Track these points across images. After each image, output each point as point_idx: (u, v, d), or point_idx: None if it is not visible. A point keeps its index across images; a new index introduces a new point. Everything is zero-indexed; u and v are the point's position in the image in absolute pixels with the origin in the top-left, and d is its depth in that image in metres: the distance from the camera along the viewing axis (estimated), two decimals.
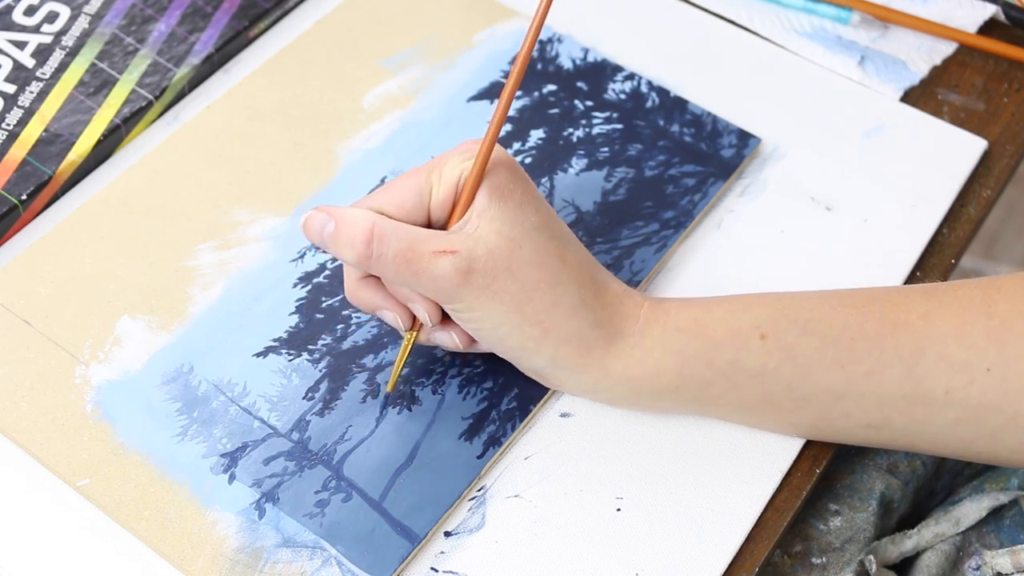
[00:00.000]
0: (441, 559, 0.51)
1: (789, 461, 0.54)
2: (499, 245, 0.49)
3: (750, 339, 0.51)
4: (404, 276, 0.49)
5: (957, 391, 0.50)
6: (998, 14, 0.72)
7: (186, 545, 0.50)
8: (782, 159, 0.65)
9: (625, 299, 0.52)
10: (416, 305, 0.52)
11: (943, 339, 0.50)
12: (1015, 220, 1.59)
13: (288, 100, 0.65)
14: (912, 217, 0.63)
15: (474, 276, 0.49)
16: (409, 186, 0.51)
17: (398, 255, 0.49)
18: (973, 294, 0.51)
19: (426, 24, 0.69)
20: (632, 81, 0.67)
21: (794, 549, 0.56)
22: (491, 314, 0.50)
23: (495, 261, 0.49)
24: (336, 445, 0.53)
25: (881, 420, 0.51)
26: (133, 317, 0.56)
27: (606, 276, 0.53)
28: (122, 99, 0.63)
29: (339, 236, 0.49)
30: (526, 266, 0.50)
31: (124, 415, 0.53)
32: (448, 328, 0.53)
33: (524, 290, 0.50)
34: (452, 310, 0.51)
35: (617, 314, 0.51)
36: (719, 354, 0.51)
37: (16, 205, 0.59)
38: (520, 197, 0.50)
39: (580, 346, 0.51)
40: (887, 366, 0.50)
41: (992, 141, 0.67)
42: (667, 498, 0.53)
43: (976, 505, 0.58)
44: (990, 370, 0.50)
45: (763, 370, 0.51)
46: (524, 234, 0.50)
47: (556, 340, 0.51)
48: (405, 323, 0.52)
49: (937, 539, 0.57)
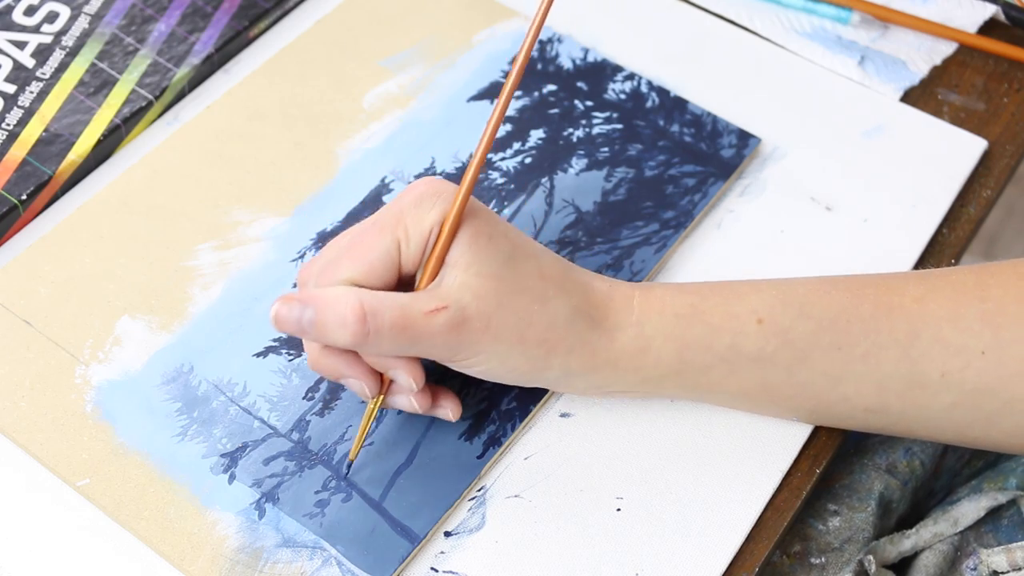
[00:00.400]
0: (441, 559, 0.51)
1: (789, 461, 0.54)
2: (484, 286, 0.48)
3: (747, 324, 0.51)
4: (402, 345, 0.48)
5: (953, 374, 0.50)
6: (998, 14, 0.72)
7: (186, 545, 0.50)
8: (782, 159, 0.65)
9: (614, 293, 0.52)
10: (398, 372, 0.50)
11: (937, 322, 0.50)
12: (1015, 220, 1.59)
13: (288, 100, 0.65)
14: (912, 217, 0.63)
15: (470, 323, 0.48)
16: (375, 249, 0.49)
17: (394, 326, 0.47)
18: (967, 279, 0.52)
19: (426, 24, 0.69)
20: (632, 81, 0.67)
21: (793, 549, 0.56)
22: (496, 352, 0.49)
23: (485, 302, 0.48)
24: (336, 445, 0.53)
25: (879, 404, 0.52)
26: (133, 317, 0.56)
27: (588, 276, 0.52)
28: (122, 99, 0.63)
29: (324, 321, 0.47)
30: (513, 295, 0.49)
31: (124, 415, 0.53)
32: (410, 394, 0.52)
33: (520, 318, 0.49)
34: (457, 363, 0.50)
35: (611, 309, 0.51)
36: (718, 339, 0.51)
37: (16, 205, 0.59)
38: (489, 232, 0.49)
39: (586, 350, 0.51)
40: (883, 348, 0.51)
41: (992, 141, 0.67)
42: (667, 498, 0.53)
43: (974, 505, 0.58)
44: (985, 353, 0.50)
45: (761, 354, 0.51)
46: (502, 266, 0.49)
47: (563, 352, 0.50)
48: (372, 390, 0.51)
49: (935, 539, 0.57)
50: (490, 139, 0.49)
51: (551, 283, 0.50)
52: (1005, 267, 0.52)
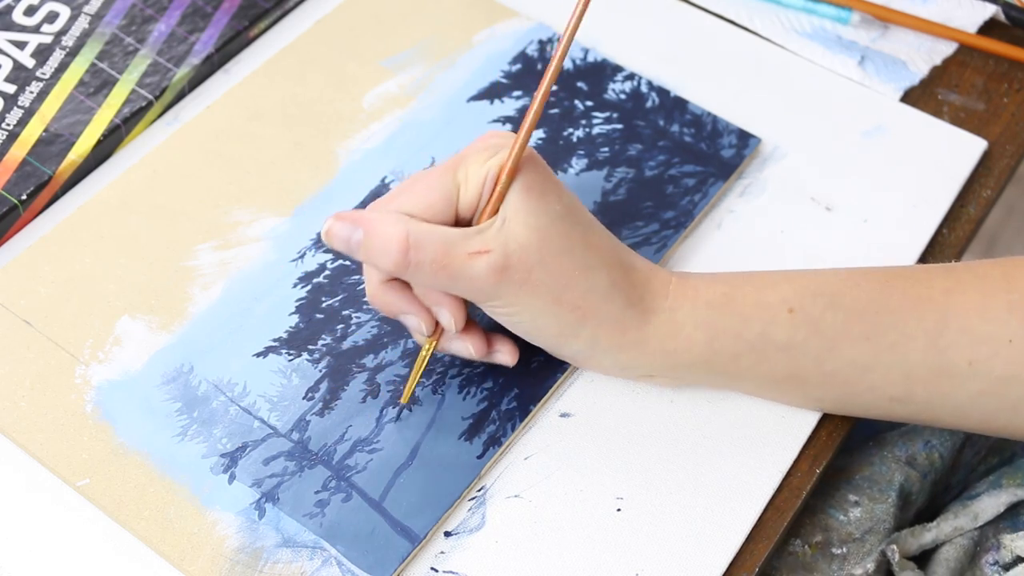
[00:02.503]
0: (441, 559, 0.51)
1: (789, 461, 0.54)
2: (529, 238, 0.49)
3: (778, 313, 0.51)
4: (441, 280, 0.49)
5: (980, 363, 0.51)
6: (998, 14, 0.72)
7: (186, 545, 0.50)
8: (782, 159, 0.65)
9: (652, 276, 0.53)
10: (442, 310, 0.51)
11: (965, 312, 0.51)
12: (1015, 220, 1.59)
13: (288, 100, 0.65)
14: (912, 217, 0.63)
15: (510, 272, 0.49)
16: (435, 187, 0.50)
17: (435, 261, 0.48)
18: (993, 271, 0.52)
19: (426, 24, 0.69)
20: (632, 81, 0.67)
21: (814, 539, 0.56)
22: (529, 306, 0.50)
23: (528, 254, 0.49)
24: (336, 445, 0.53)
25: (905, 393, 0.52)
26: (133, 317, 0.56)
27: (631, 256, 0.53)
28: (122, 99, 0.63)
29: (371, 245, 0.49)
30: (557, 255, 0.50)
31: (124, 415, 0.53)
32: (464, 337, 0.53)
33: (559, 279, 0.50)
34: (490, 307, 0.51)
35: (648, 292, 0.52)
36: (748, 327, 0.52)
37: (16, 205, 0.59)
38: (542, 186, 0.50)
39: (617, 326, 0.51)
40: (911, 339, 0.51)
41: (992, 141, 0.67)
42: (667, 498, 0.53)
43: (994, 500, 0.58)
44: (1012, 342, 0.51)
45: (791, 343, 0.52)
46: (550, 223, 0.50)
47: (594, 324, 0.51)
48: (428, 328, 0.52)
49: (956, 533, 0.58)
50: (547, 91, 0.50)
51: (595, 253, 0.51)
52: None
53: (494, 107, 0.65)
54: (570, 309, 0.51)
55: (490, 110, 0.65)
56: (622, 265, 0.52)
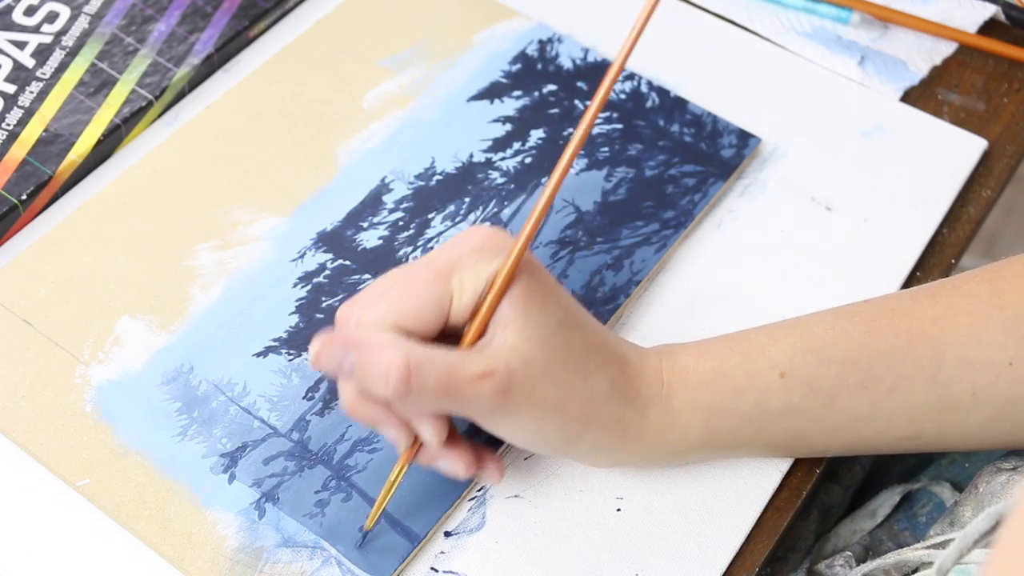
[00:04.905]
0: (441, 559, 0.51)
1: (789, 461, 0.54)
2: (532, 351, 0.46)
3: (770, 380, 0.50)
4: (443, 404, 0.46)
5: (984, 391, 0.50)
6: (998, 14, 0.72)
7: (186, 545, 0.50)
8: (782, 159, 0.65)
9: (644, 365, 0.50)
10: (423, 423, 0.47)
11: (960, 341, 0.50)
12: (1015, 220, 1.59)
13: (288, 100, 0.65)
14: (912, 217, 0.63)
15: (514, 391, 0.46)
16: (426, 296, 0.46)
17: (438, 388, 0.45)
18: (980, 288, 0.51)
19: (426, 24, 0.69)
20: (632, 81, 0.67)
21: None
22: (533, 420, 0.47)
23: (531, 369, 0.46)
24: (336, 445, 0.53)
25: (914, 431, 0.51)
26: (133, 317, 0.56)
27: (621, 344, 0.51)
28: (122, 99, 0.63)
29: (367, 371, 0.45)
30: (560, 367, 0.47)
31: (124, 415, 0.53)
32: (450, 455, 0.49)
33: (563, 390, 0.47)
34: (490, 425, 0.48)
35: (643, 383, 0.50)
36: (742, 401, 0.50)
37: (16, 205, 0.59)
38: (542, 293, 0.47)
39: (617, 428, 0.49)
40: (909, 380, 0.50)
41: (992, 141, 0.67)
42: (667, 498, 0.53)
43: (889, 493, 0.58)
44: (1012, 364, 0.49)
45: (787, 407, 0.50)
46: (551, 333, 0.47)
47: (596, 429, 0.49)
48: (407, 441, 0.48)
49: (855, 535, 0.57)
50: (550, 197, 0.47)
51: (594, 355, 0.49)
52: (1015, 267, 0.51)
53: (494, 107, 0.65)
54: (575, 418, 0.48)
55: (490, 110, 0.65)
56: (617, 361, 0.50)
